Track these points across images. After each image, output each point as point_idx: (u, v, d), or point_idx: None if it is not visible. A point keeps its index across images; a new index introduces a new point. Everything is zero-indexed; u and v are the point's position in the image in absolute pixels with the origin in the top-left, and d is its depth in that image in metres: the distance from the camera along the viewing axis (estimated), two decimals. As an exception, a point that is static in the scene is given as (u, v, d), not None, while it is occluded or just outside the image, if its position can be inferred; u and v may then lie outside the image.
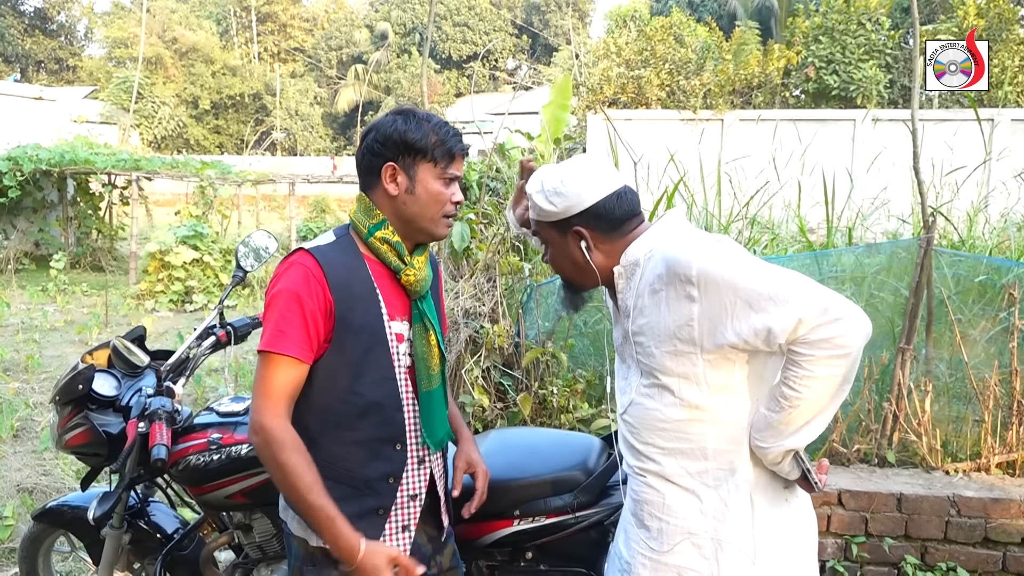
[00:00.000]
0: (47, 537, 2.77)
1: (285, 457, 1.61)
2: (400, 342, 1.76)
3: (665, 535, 1.61)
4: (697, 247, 1.52)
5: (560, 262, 1.71)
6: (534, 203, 1.67)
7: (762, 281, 1.47)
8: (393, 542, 1.76)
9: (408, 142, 1.71)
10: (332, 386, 1.71)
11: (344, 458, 1.73)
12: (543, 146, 6.97)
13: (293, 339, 1.64)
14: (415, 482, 1.79)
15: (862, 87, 14.45)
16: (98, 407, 2.30)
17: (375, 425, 1.74)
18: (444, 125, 1.75)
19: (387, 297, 1.76)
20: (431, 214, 1.74)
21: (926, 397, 3.33)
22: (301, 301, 1.64)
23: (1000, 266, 4.09)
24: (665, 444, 1.59)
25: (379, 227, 1.74)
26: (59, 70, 43.50)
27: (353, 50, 45.68)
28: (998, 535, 3.04)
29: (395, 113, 1.76)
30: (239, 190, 14.17)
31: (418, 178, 1.72)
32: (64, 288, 10.34)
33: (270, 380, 1.64)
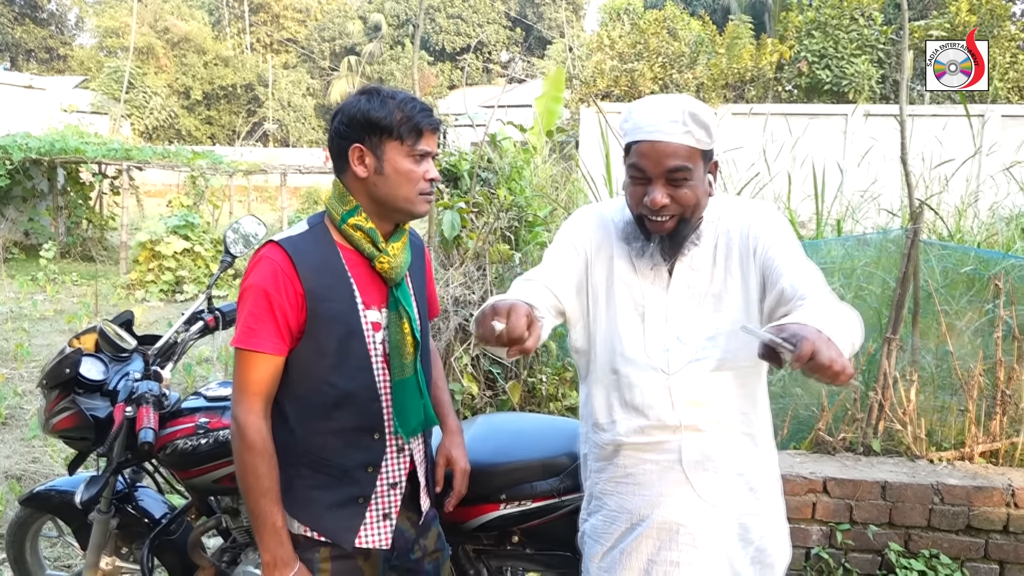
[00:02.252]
0: (34, 522, 2.77)
1: (249, 458, 1.67)
2: (376, 331, 1.74)
3: (728, 485, 1.66)
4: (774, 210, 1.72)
5: (697, 195, 1.59)
6: (700, 126, 1.56)
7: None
8: (374, 531, 1.76)
9: (372, 121, 1.66)
10: (307, 376, 1.71)
11: (322, 447, 1.74)
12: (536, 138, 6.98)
13: (263, 335, 1.65)
14: (395, 471, 1.79)
15: (854, 82, 14.49)
16: (85, 391, 2.30)
17: (352, 415, 1.73)
18: (410, 101, 1.69)
19: (362, 285, 1.73)
20: (404, 193, 1.70)
21: (912, 387, 3.36)
22: (269, 297, 1.64)
23: (987, 258, 4.13)
24: (728, 395, 1.64)
25: (352, 213, 1.71)
26: (50, 59, 43.19)
27: (346, 41, 45.48)
28: (981, 523, 3.07)
29: (360, 92, 1.72)
30: (230, 180, 14.13)
31: (386, 158, 1.68)
32: (54, 278, 10.30)
33: (245, 376, 1.68)
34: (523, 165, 4.72)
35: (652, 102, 1.60)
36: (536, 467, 2.07)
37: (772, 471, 1.74)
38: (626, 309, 1.67)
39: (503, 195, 4.24)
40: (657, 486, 1.67)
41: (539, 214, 4.56)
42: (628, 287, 1.68)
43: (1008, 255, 4.10)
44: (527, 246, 4.40)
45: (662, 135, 1.55)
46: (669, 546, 1.65)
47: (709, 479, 1.65)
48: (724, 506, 1.66)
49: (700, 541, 1.65)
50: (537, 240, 4.49)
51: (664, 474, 1.66)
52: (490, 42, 44.33)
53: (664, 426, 1.64)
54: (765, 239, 1.61)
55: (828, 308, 1.39)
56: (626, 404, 1.67)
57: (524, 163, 4.78)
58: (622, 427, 1.67)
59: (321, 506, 1.75)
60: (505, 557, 2.18)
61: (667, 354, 1.63)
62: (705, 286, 1.65)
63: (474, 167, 4.31)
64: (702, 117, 1.56)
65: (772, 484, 1.74)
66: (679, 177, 1.56)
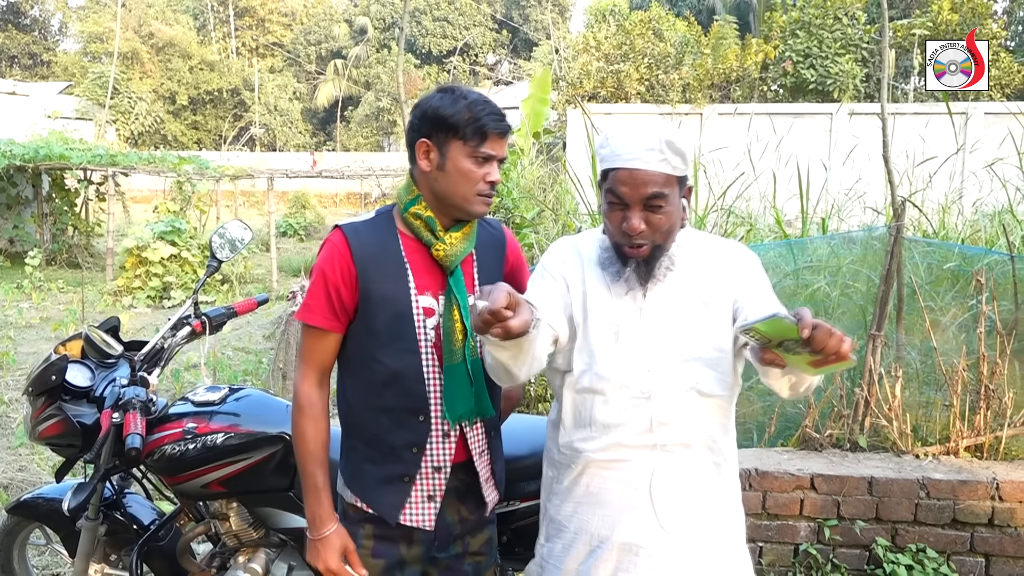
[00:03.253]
0: (22, 530, 2.76)
1: (298, 419, 1.81)
2: (429, 316, 1.79)
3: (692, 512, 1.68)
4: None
5: (672, 221, 1.64)
6: (676, 153, 1.60)
7: None
8: (419, 510, 1.80)
9: (441, 118, 1.71)
10: (360, 353, 1.81)
11: (373, 423, 1.81)
12: (523, 140, 7.01)
13: (316, 310, 1.77)
14: (439, 454, 1.80)
15: (839, 81, 14.58)
16: (72, 398, 2.29)
17: (398, 395, 1.79)
18: (482, 103, 1.72)
19: (418, 271, 1.79)
20: (463, 192, 1.74)
21: (897, 383, 3.39)
22: (324, 275, 1.76)
23: (970, 254, 4.17)
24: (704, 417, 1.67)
25: (414, 203, 1.78)
26: (33, 65, 42.90)
27: (332, 45, 45.38)
28: (966, 516, 3.10)
29: (439, 90, 1.77)
30: (217, 185, 14.06)
31: (449, 155, 1.72)
32: (40, 285, 10.23)
33: (303, 347, 1.83)
34: (510, 167, 4.74)
35: (630, 130, 1.64)
36: (523, 467, 2.07)
37: (735, 501, 1.76)
38: (600, 328, 1.70)
39: (490, 197, 4.25)
40: (618, 505, 1.67)
41: (526, 216, 4.58)
42: (602, 309, 1.71)
43: (991, 251, 4.14)
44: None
45: (640, 163, 1.59)
46: (628, 568, 1.66)
47: (671, 503, 1.65)
48: (682, 532, 1.66)
49: (659, 564, 1.65)
50: (525, 242, 4.50)
51: (626, 493, 1.67)
52: (476, 44, 44.35)
53: (632, 445, 1.66)
54: (742, 276, 1.70)
55: None
56: (596, 422, 1.68)
57: (511, 165, 4.80)
58: (591, 444, 1.69)
59: (371, 479, 1.82)
60: (494, 557, 2.19)
61: (635, 373, 1.66)
62: (679, 310, 1.68)
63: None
64: (678, 145, 1.60)
65: (734, 514, 1.76)
66: (656, 204, 1.60)
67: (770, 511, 3.16)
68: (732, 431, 1.75)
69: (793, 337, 1.32)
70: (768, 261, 4.26)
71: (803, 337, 1.29)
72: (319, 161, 29.72)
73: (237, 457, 2.17)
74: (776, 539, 3.17)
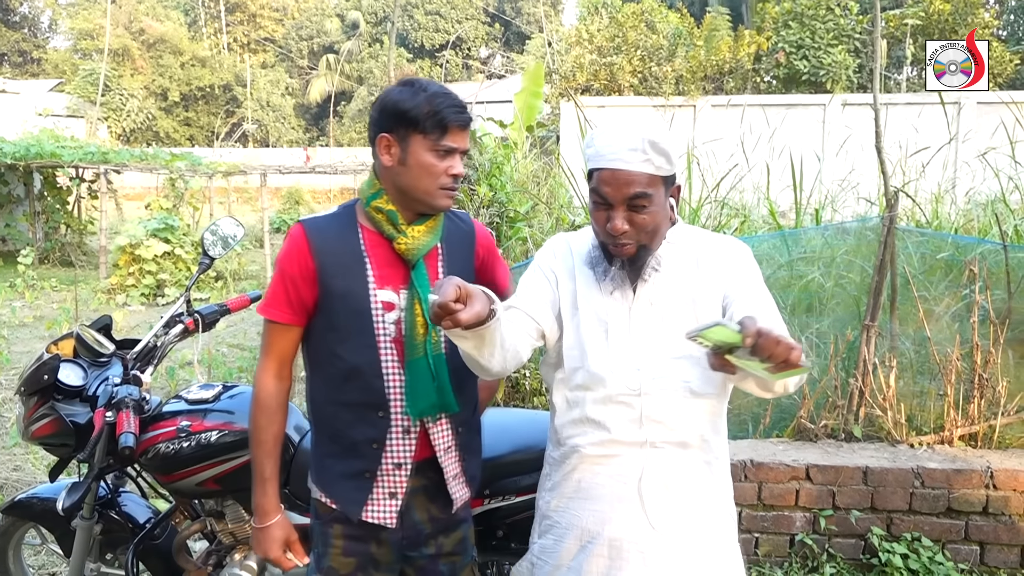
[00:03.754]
0: (17, 531, 2.75)
1: (253, 410, 1.83)
2: (389, 311, 1.77)
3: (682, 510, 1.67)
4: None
5: (657, 222, 1.63)
6: (660, 153, 1.59)
7: None
8: (381, 507, 1.79)
9: (401, 112, 1.69)
10: (322, 348, 1.81)
11: (334, 417, 1.82)
12: (516, 133, 6.99)
13: (276, 304, 1.79)
14: (400, 451, 1.79)
15: (831, 72, 14.60)
16: (64, 397, 2.28)
17: (358, 390, 1.78)
18: (442, 96, 1.70)
19: (379, 265, 1.77)
20: (425, 186, 1.72)
21: (891, 373, 3.40)
22: (284, 269, 1.77)
23: (964, 244, 4.18)
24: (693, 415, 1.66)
25: (376, 196, 1.77)
26: (23, 63, 42.65)
27: (324, 40, 45.23)
28: (961, 505, 3.12)
29: (399, 83, 1.76)
30: (210, 182, 14.02)
31: (410, 150, 1.71)
32: (32, 284, 10.18)
33: (264, 339, 1.84)
34: (504, 161, 4.72)
35: (614, 129, 1.63)
36: (519, 461, 2.07)
37: (726, 499, 1.75)
38: (590, 324, 1.70)
39: (484, 191, 4.24)
40: (608, 500, 1.67)
41: (520, 210, 4.57)
42: (593, 306, 1.71)
43: (984, 240, 4.15)
44: (508, 242, 4.40)
45: (622, 163, 1.59)
46: (620, 565, 1.65)
47: (660, 500, 1.65)
48: (671, 530, 1.66)
49: (651, 560, 1.65)
50: (519, 236, 4.49)
51: (616, 488, 1.67)
52: (469, 38, 44.24)
53: (624, 442, 1.66)
54: (732, 271, 1.68)
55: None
56: (588, 418, 1.68)
57: (505, 159, 4.78)
58: (583, 440, 1.69)
59: (334, 474, 1.83)
60: (490, 552, 2.19)
61: (624, 372, 1.66)
62: (668, 308, 1.67)
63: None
64: (662, 145, 1.59)
65: (725, 512, 1.74)
66: (639, 204, 1.60)
67: (766, 502, 3.17)
68: (723, 429, 1.74)
69: (738, 344, 1.30)
70: (762, 252, 4.26)
71: (746, 345, 1.29)
72: (312, 157, 29.62)
73: (232, 455, 2.16)
74: (772, 530, 3.18)
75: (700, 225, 4.83)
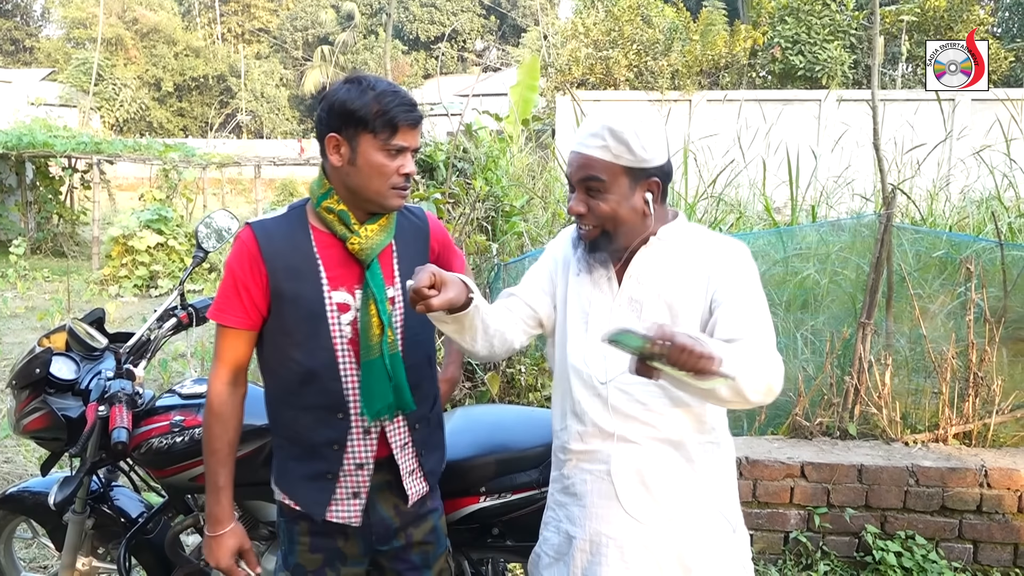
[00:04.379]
0: (8, 524, 2.73)
1: (206, 417, 1.81)
2: (344, 312, 1.74)
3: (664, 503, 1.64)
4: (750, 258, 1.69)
5: (617, 211, 1.62)
6: (619, 142, 1.58)
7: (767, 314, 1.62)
8: (344, 507, 1.78)
9: (349, 112, 1.65)
10: (276, 352, 1.78)
11: (293, 421, 1.80)
12: (511, 127, 6.96)
13: (228, 309, 1.75)
14: (361, 451, 1.78)
15: (827, 67, 14.59)
16: (57, 391, 2.26)
17: (316, 393, 1.76)
18: (390, 94, 1.66)
19: (332, 267, 1.74)
20: (376, 187, 1.69)
21: (886, 371, 3.40)
22: (235, 275, 1.74)
23: (959, 241, 4.18)
24: (666, 410, 1.62)
25: (326, 196, 1.73)
26: (15, 51, 42.36)
27: (319, 31, 45.02)
28: (955, 503, 3.12)
29: (345, 80, 1.71)
30: (204, 173, 13.94)
31: (360, 150, 1.67)
32: (24, 274, 10.12)
33: (216, 345, 1.81)
34: (499, 155, 4.70)
35: (590, 116, 1.67)
36: (515, 459, 2.06)
37: (714, 501, 1.69)
38: (575, 315, 1.72)
39: (479, 185, 4.22)
40: (590, 497, 1.68)
41: (515, 204, 4.55)
42: (578, 295, 1.72)
43: (979, 238, 4.16)
44: (504, 236, 4.39)
45: (582, 147, 1.62)
46: (599, 560, 1.66)
47: (638, 494, 1.64)
48: (653, 524, 1.64)
49: (630, 557, 1.64)
50: (514, 230, 4.48)
51: (596, 485, 1.67)
52: (464, 30, 44.10)
53: (598, 434, 1.66)
54: (722, 275, 1.63)
55: (747, 349, 1.44)
56: (571, 411, 1.70)
57: (500, 152, 4.76)
58: (567, 434, 1.71)
59: (296, 477, 1.81)
60: (486, 550, 2.18)
61: (604, 362, 1.65)
62: (651, 301, 1.65)
63: (450, 157, 4.28)
64: (623, 135, 1.58)
65: (713, 513, 1.68)
66: (593, 187, 1.62)
67: (760, 499, 3.17)
68: (713, 428, 1.68)
69: (645, 351, 1.28)
70: (758, 249, 4.26)
71: (651, 352, 1.28)
72: (307, 148, 29.51)
73: (225, 450, 2.14)
74: (766, 527, 3.18)
75: (696, 221, 4.83)
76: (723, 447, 1.71)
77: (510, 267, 3.90)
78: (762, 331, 1.55)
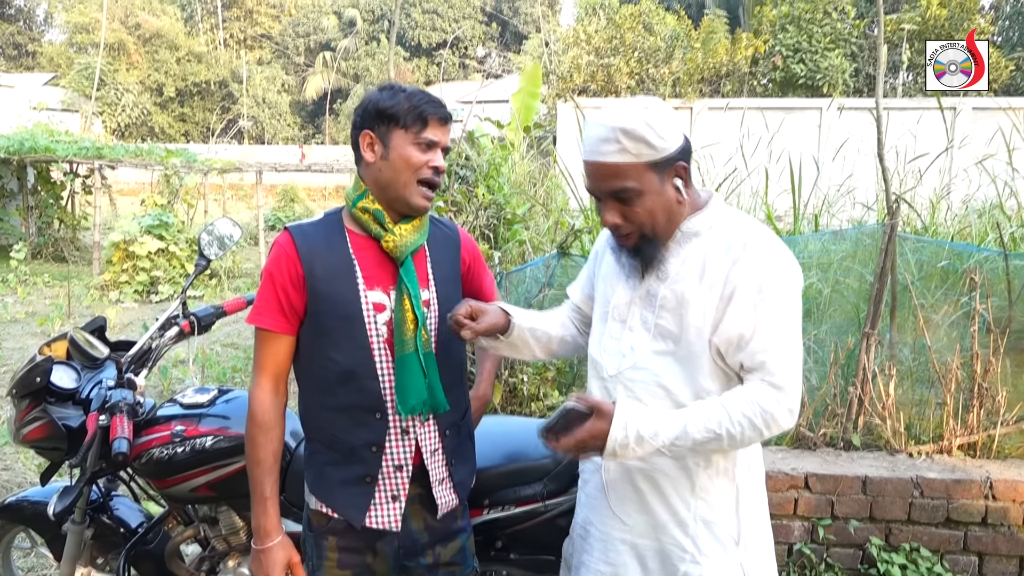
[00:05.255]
0: (7, 533, 2.71)
1: (248, 427, 1.79)
2: (380, 311, 1.77)
3: (650, 508, 1.64)
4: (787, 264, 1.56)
5: (654, 210, 1.53)
6: (636, 140, 1.48)
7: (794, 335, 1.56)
8: (384, 511, 1.78)
9: (381, 110, 1.74)
10: (313, 353, 1.79)
11: (331, 423, 1.80)
12: (513, 134, 6.96)
13: (267, 314, 1.77)
14: (400, 452, 1.78)
15: (828, 76, 14.60)
16: (57, 400, 2.25)
17: (353, 392, 1.76)
18: (420, 94, 1.76)
19: (367, 267, 1.78)
20: (404, 179, 1.74)
21: (890, 381, 3.38)
22: (272, 277, 1.76)
23: (962, 251, 4.16)
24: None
25: (361, 197, 1.78)
26: (18, 56, 42.44)
27: (321, 37, 45.12)
28: (960, 515, 3.10)
29: (378, 87, 1.81)
30: (205, 179, 13.95)
31: (392, 144, 1.74)
32: (25, 279, 10.11)
33: (257, 352, 1.81)
34: (501, 162, 4.69)
35: (593, 120, 1.56)
36: (519, 471, 2.05)
37: (710, 511, 1.62)
38: (600, 305, 1.75)
39: (481, 193, 4.20)
40: (587, 487, 1.77)
41: (517, 212, 4.53)
42: (604, 291, 1.74)
43: (981, 248, 4.14)
44: (506, 244, 4.37)
45: (598, 155, 1.53)
46: (584, 548, 1.73)
47: (625, 494, 1.65)
48: (637, 526, 1.64)
49: (611, 550, 1.66)
50: (516, 238, 4.46)
51: (592, 476, 1.74)
52: (466, 37, 44.18)
53: None
54: (744, 284, 1.52)
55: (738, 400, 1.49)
56: None
57: (502, 160, 4.75)
58: None
59: (334, 482, 1.80)
60: (489, 562, 2.16)
61: (611, 356, 1.67)
62: (669, 300, 1.59)
63: (452, 165, 4.27)
64: (637, 131, 1.48)
65: (707, 524, 1.62)
66: (625, 197, 1.53)
67: (764, 510, 3.14)
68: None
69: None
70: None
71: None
72: (308, 154, 29.55)
73: (226, 460, 2.14)
74: (770, 538, 3.15)
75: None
76: (733, 456, 1.64)
77: (512, 275, 3.89)
78: (778, 362, 1.49)
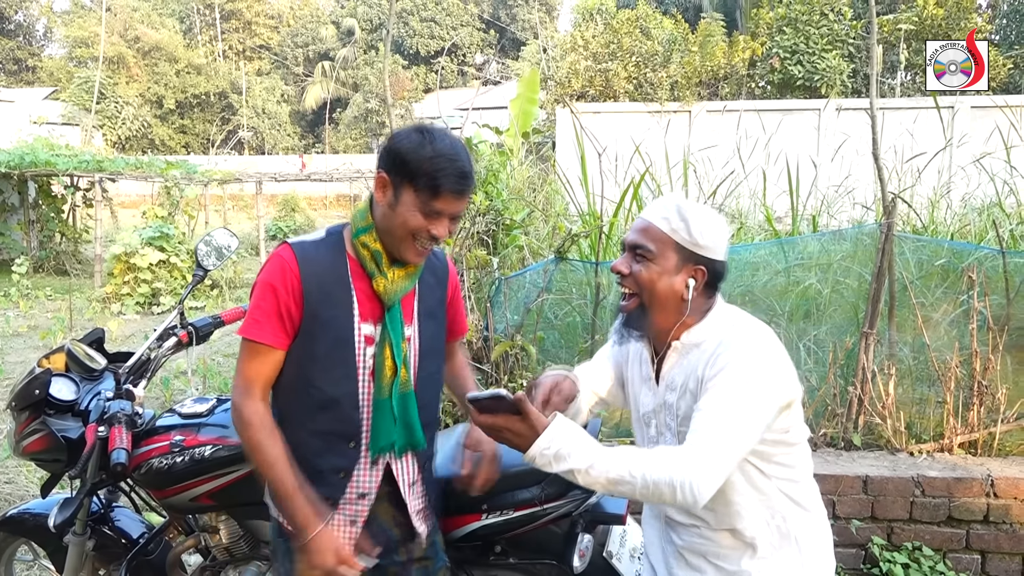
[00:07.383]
0: (8, 546, 2.71)
1: (250, 434, 1.72)
2: (369, 344, 1.76)
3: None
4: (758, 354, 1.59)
5: (657, 283, 1.65)
6: (681, 218, 1.63)
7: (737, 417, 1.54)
8: (340, 534, 1.78)
9: (403, 160, 1.67)
10: (297, 376, 1.76)
11: (302, 445, 1.77)
12: (511, 140, 6.97)
13: (266, 327, 1.71)
14: (366, 481, 1.80)
15: (826, 77, 14.62)
16: (56, 412, 2.26)
17: (332, 420, 1.76)
18: (447, 159, 1.65)
19: (363, 298, 1.76)
20: (401, 235, 1.70)
21: (890, 380, 3.38)
22: (275, 290, 1.71)
23: (961, 250, 4.17)
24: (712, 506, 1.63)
25: (365, 231, 1.75)
26: (18, 71, 42.60)
27: (320, 47, 45.24)
28: (961, 513, 3.10)
29: (415, 128, 1.72)
30: (205, 190, 13.99)
31: (401, 198, 1.68)
32: (27, 293, 10.13)
33: (246, 364, 1.74)
34: (499, 168, 4.70)
35: (668, 197, 1.78)
36: (517, 476, 2.04)
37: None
38: (634, 413, 1.86)
39: (480, 199, 4.21)
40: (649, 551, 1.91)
41: (516, 218, 4.54)
42: (635, 393, 1.85)
43: (980, 247, 4.14)
44: (505, 250, 4.38)
45: (646, 214, 1.70)
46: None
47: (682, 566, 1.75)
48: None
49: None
50: (515, 244, 4.47)
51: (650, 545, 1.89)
52: (464, 44, 44.29)
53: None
54: (712, 376, 1.59)
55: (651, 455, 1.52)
56: None
57: (500, 166, 4.75)
58: None
59: None
60: (488, 567, 2.16)
61: (643, 427, 1.81)
62: (682, 410, 1.67)
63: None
64: (685, 214, 1.64)
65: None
66: (641, 253, 1.67)
67: (765, 512, 3.14)
68: (777, 521, 1.67)
69: None
70: (759, 259, 4.26)
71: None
72: (308, 164, 29.60)
73: (226, 470, 2.14)
74: (772, 540, 3.15)
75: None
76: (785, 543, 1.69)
77: (511, 281, 3.89)
78: (707, 440, 1.51)
